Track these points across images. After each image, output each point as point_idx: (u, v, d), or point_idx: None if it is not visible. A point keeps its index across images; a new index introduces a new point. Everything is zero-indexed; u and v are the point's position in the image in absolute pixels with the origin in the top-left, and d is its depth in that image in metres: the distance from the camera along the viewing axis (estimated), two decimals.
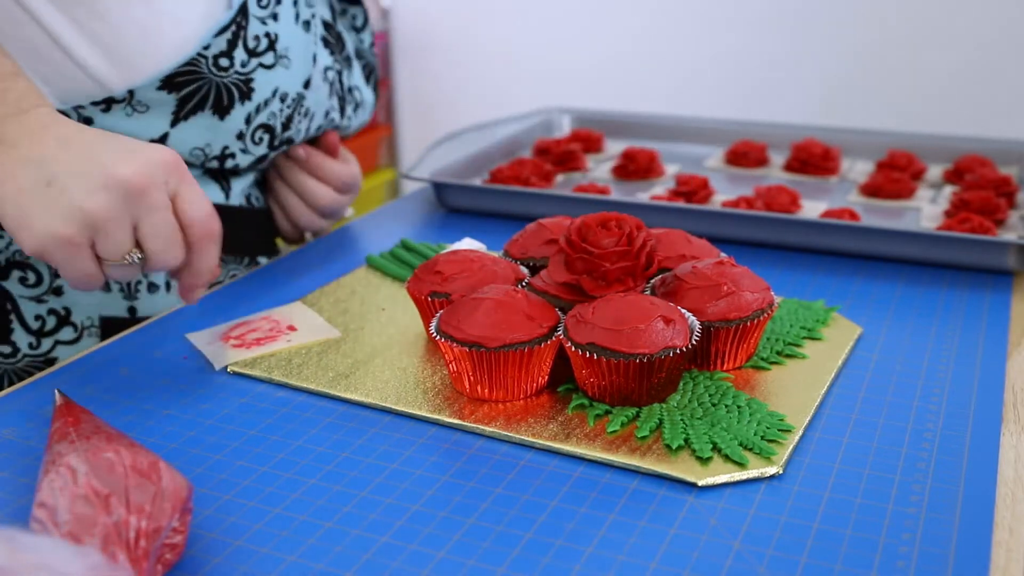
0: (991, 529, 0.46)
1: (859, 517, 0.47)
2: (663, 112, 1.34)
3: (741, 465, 0.50)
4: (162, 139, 0.71)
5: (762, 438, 0.53)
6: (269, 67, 0.74)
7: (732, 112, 1.81)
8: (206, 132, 0.73)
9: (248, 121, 0.75)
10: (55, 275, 0.72)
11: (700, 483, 0.49)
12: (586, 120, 1.24)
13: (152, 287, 0.75)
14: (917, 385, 0.59)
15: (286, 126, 0.78)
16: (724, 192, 0.96)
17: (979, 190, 0.89)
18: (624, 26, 2.20)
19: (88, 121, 0.68)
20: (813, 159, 1.03)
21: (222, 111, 0.73)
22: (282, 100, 0.76)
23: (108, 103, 0.68)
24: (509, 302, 0.57)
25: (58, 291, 0.72)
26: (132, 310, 0.75)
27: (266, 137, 0.77)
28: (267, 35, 0.73)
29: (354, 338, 0.66)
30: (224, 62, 0.71)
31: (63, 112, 0.67)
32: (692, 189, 0.93)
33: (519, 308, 0.56)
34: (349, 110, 0.88)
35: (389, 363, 0.62)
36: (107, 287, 0.73)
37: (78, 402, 0.59)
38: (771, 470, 0.50)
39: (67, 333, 0.73)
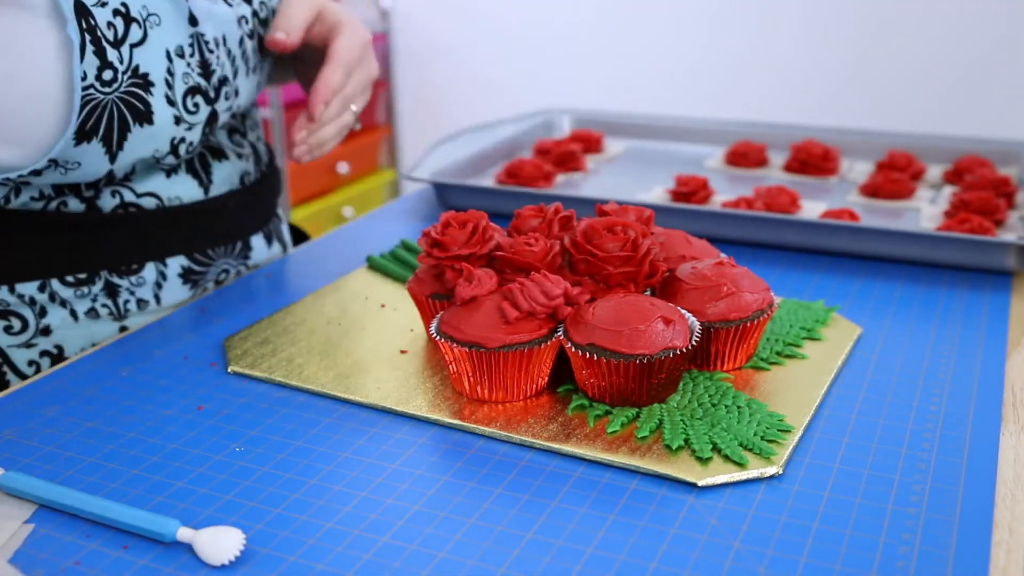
0: (991, 529, 0.46)
1: (859, 517, 0.47)
2: (663, 113, 1.34)
3: (741, 465, 0.50)
4: (110, 175, 0.67)
5: (762, 438, 0.53)
6: (141, 41, 0.64)
7: (732, 113, 1.81)
8: (146, 142, 0.66)
9: (171, 102, 0.67)
10: (40, 315, 0.69)
11: (700, 483, 0.49)
12: (586, 120, 1.24)
13: (141, 303, 0.73)
14: (917, 385, 0.60)
15: (206, 73, 0.70)
16: (724, 192, 0.96)
17: (978, 190, 0.89)
18: (624, 27, 2.20)
19: (24, 184, 0.65)
20: (813, 159, 1.03)
21: (143, 117, 0.65)
22: (181, 56, 0.67)
23: (36, 171, 0.62)
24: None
25: (46, 331, 0.70)
26: (123, 330, 0.72)
27: (200, 99, 0.69)
28: (117, 12, 0.62)
29: (354, 338, 0.66)
30: (107, 74, 0.62)
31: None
32: (692, 189, 0.93)
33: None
34: None
35: (389, 364, 0.62)
36: (95, 313, 0.71)
37: (78, 402, 0.59)
38: (771, 470, 0.50)
39: None
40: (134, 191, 0.71)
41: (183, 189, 0.73)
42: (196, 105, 0.69)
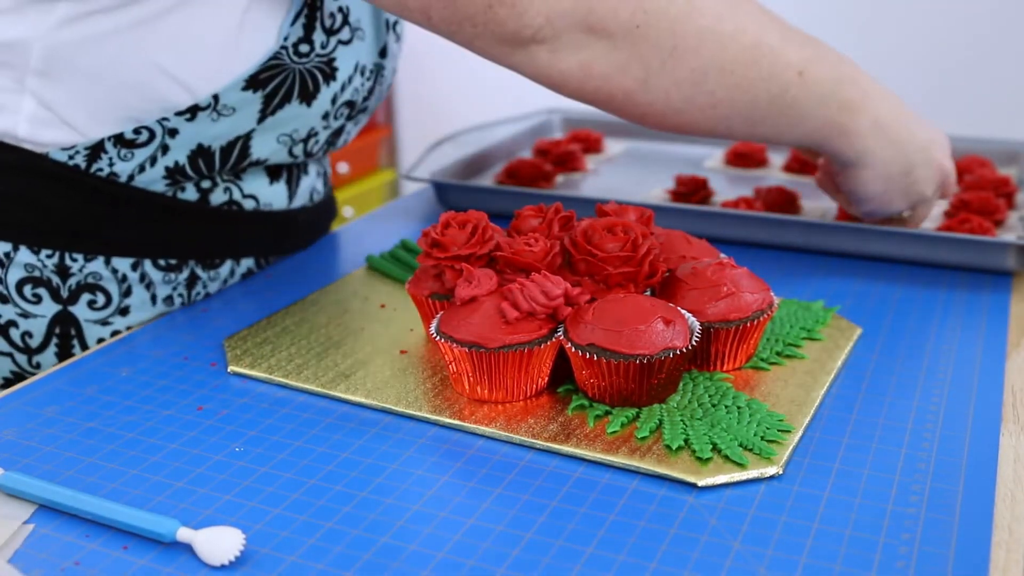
0: (990, 529, 0.46)
1: (859, 517, 0.47)
2: None
3: (741, 465, 0.50)
4: (248, 135, 0.70)
5: (762, 438, 0.53)
6: (347, 43, 0.71)
7: None
8: (292, 120, 0.71)
9: (334, 101, 0.73)
10: (124, 295, 0.71)
11: (700, 483, 0.49)
12: (585, 121, 1.24)
13: (206, 297, 0.75)
14: (917, 385, 0.60)
15: (367, 97, 0.77)
16: (724, 193, 0.96)
17: (978, 191, 0.89)
18: None
19: (173, 132, 0.67)
20: (813, 160, 1.03)
21: (308, 97, 0.71)
22: (362, 74, 0.74)
23: (193, 111, 0.66)
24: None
25: (124, 311, 0.71)
26: None
27: (346, 111, 0.76)
28: (340, 10, 0.70)
29: (354, 338, 0.66)
30: (304, 48, 0.68)
31: (147, 128, 0.66)
32: (692, 190, 0.93)
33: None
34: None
35: (389, 364, 0.62)
36: (171, 301, 0.73)
37: (78, 402, 0.59)
38: (771, 470, 0.50)
39: None
40: (242, 190, 0.75)
41: (275, 196, 0.77)
42: (341, 114, 0.75)
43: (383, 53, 0.77)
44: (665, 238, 0.66)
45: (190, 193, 0.72)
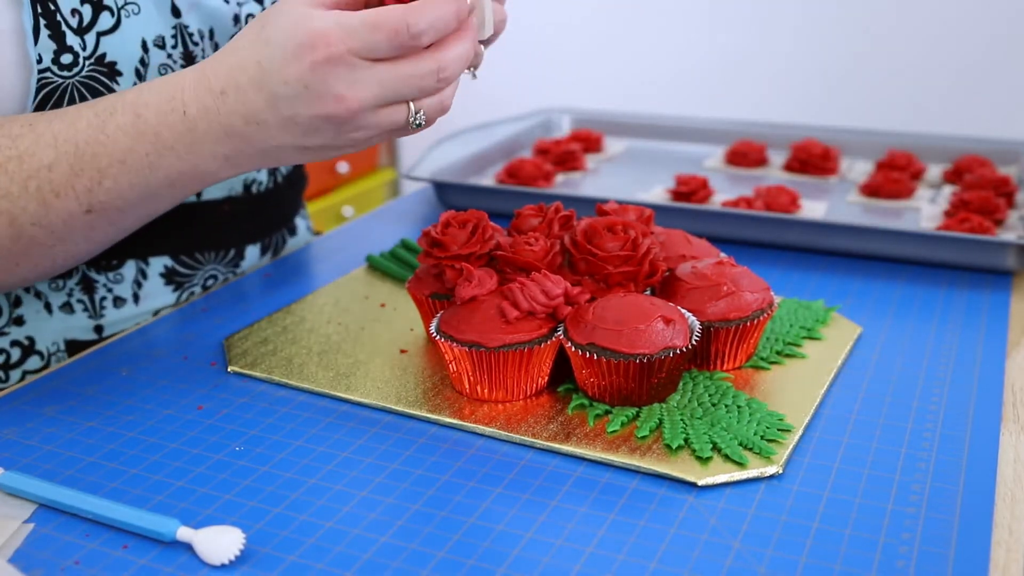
0: (990, 528, 0.46)
1: (859, 517, 0.47)
2: (663, 112, 1.34)
3: (741, 465, 0.50)
4: None
5: (762, 438, 0.53)
6: (112, 30, 0.61)
7: (732, 112, 1.81)
8: None
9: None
10: (14, 305, 0.67)
11: (700, 483, 0.49)
12: (586, 120, 1.24)
13: (118, 301, 0.71)
14: (917, 385, 0.60)
15: (188, 63, 0.66)
16: (724, 192, 0.96)
17: (978, 190, 0.89)
18: (624, 27, 2.20)
19: None
20: (813, 159, 1.03)
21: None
22: (159, 46, 0.64)
23: None
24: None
25: (19, 321, 0.68)
26: (99, 329, 0.70)
27: None
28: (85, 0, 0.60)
29: (354, 338, 0.66)
30: (67, 58, 0.59)
31: None
32: (692, 189, 0.93)
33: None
34: None
35: (389, 363, 0.62)
36: (70, 308, 0.69)
37: (78, 402, 0.59)
38: (771, 470, 0.50)
39: (34, 362, 0.69)
40: None
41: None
42: None
43: (175, 12, 0.65)
44: (665, 237, 0.66)
45: None
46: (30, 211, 0.54)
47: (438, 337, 0.57)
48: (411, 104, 0.52)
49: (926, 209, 0.91)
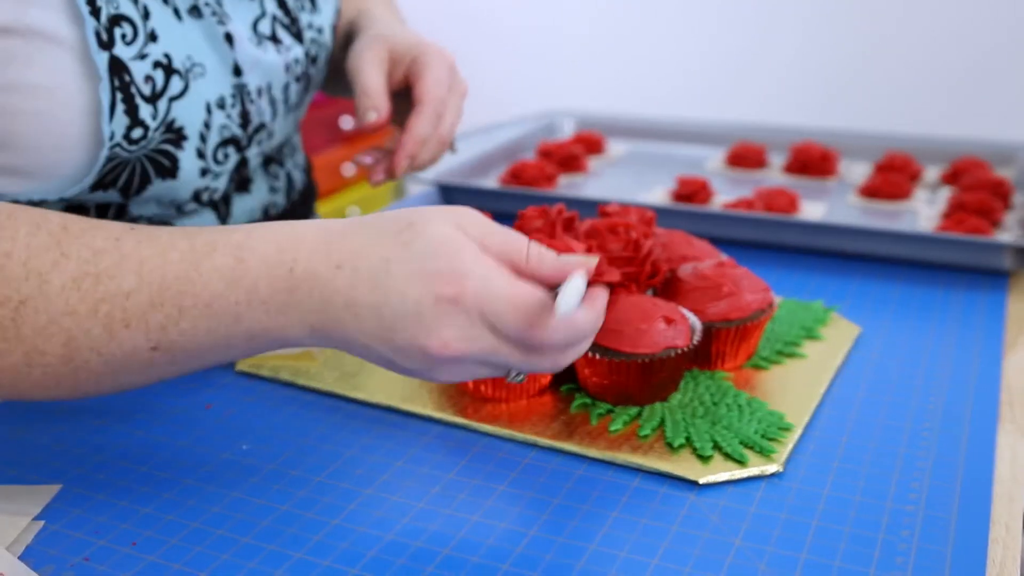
0: (988, 526, 0.47)
1: (858, 515, 0.47)
2: (665, 114, 1.35)
3: (741, 463, 0.51)
4: (121, 206, 0.62)
5: (762, 436, 0.53)
6: (182, 94, 0.60)
7: (732, 115, 1.82)
8: (166, 193, 0.62)
9: (200, 155, 0.63)
10: None
11: (701, 481, 0.50)
12: (588, 122, 1.25)
13: None
14: (915, 384, 0.60)
15: (244, 122, 0.66)
16: (724, 193, 0.97)
17: (975, 192, 0.90)
18: (626, 31, 2.21)
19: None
20: (812, 161, 1.04)
21: (169, 172, 0.61)
22: (220, 107, 0.63)
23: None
24: None
25: None
26: None
27: (231, 148, 0.65)
28: (157, 64, 0.58)
29: None
30: (137, 133, 0.57)
31: None
32: (693, 191, 0.94)
33: None
34: (304, 21, 0.72)
35: None
36: None
37: (86, 400, 0.59)
38: (771, 468, 0.51)
39: None
40: (148, 219, 0.65)
41: (198, 221, 0.68)
42: (227, 155, 0.65)
43: (237, 71, 0.64)
44: (667, 238, 0.66)
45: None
46: (93, 336, 0.47)
47: None
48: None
49: (924, 210, 0.92)
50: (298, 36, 0.71)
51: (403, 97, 0.73)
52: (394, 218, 0.48)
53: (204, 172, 0.64)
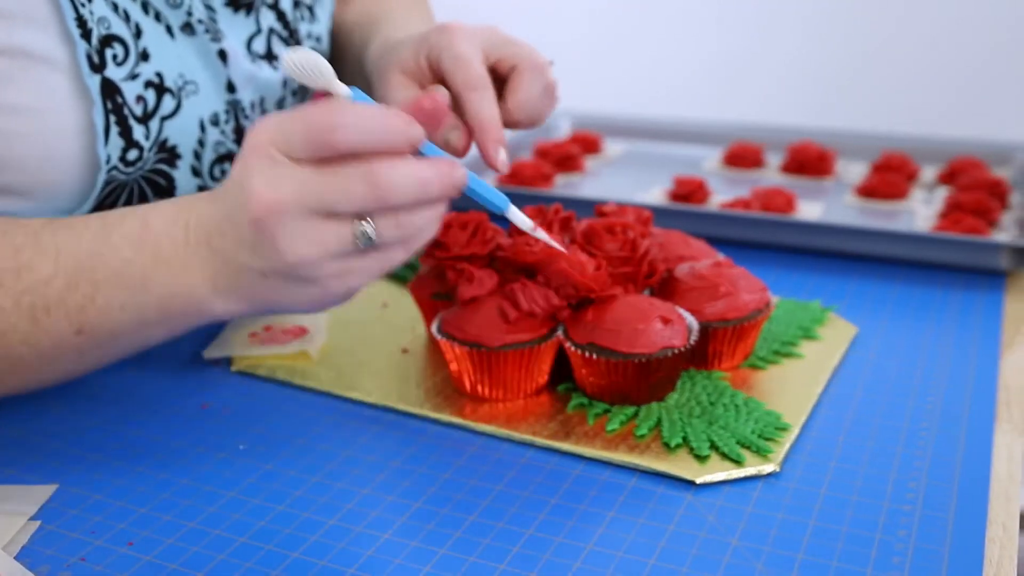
0: (985, 525, 0.47)
1: (855, 514, 0.48)
2: (662, 114, 1.35)
3: (738, 463, 0.51)
4: None
5: (759, 436, 0.53)
6: (174, 113, 0.60)
7: (729, 115, 1.82)
8: None
9: (196, 173, 0.63)
10: None
11: (698, 481, 0.50)
12: (585, 122, 1.25)
13: None
14: (912, 384, 0.60)
15: (239, 138, 0.65)
16: (722, 193, 0.97)
17: (972, 191, 0.90)
18: (624, 30, 2.21)
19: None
20: (809, 161, 1.04)
21: (166, 192, 0.61)
22: (214, 124, 0.63)
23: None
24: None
25: None
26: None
27: (227, 164, 0.65)
28: (149, 84, 0.58)
29: (356, 338, 0.67)
30: (132, 155, 0.57)
31: None
32: (690, 190, 0.94)
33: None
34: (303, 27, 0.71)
35: (391, 363, 0.63)
36: None
37: (83, 401, 0.59)
38: (768, 468, 0.51)
39: None
40: None
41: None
42: (223, 172, 0.65)
43: (231, 88, 0.64)
44: (664, 238, 0.66)
45: None
46: (20, 329, 0.48)
47: (439, 337, 0.58)
48: (354, 220, 0.45)
49: (921, 210, 0.92)
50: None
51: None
52: None
53: (201, 189, 0.64)
